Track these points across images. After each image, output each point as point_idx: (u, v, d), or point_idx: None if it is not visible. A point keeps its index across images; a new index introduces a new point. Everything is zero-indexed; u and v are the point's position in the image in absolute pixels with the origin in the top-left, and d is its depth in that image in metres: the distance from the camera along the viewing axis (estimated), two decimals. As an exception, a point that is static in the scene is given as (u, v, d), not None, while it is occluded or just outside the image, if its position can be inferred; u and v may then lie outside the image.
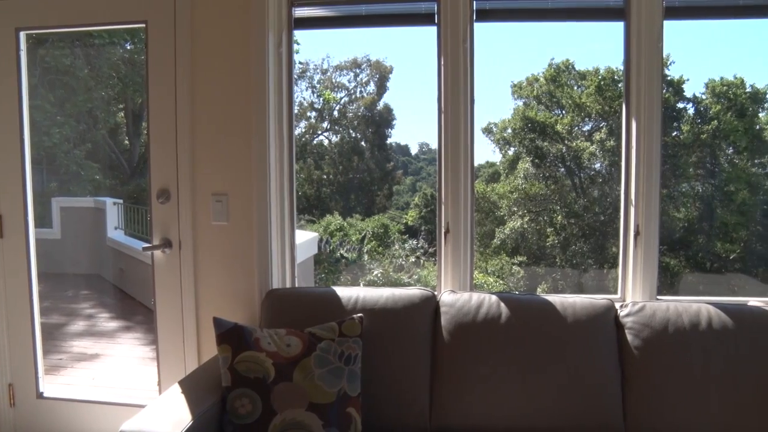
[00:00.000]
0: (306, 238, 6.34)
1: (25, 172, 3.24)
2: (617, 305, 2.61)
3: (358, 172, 14.61)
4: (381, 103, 14.58)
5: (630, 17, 2.78)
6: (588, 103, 11.14)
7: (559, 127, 11.43)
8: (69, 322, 5.33)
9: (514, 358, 2.49)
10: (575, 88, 11.57)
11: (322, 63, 14.30)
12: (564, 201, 11.29)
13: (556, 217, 11.22)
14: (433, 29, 2.91)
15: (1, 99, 3.20)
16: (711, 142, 10.49)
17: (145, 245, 3.14)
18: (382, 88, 14.52)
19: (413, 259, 11.05)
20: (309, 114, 14.31)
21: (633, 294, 2.86)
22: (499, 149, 12.29)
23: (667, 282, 9.82)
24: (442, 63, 2.89)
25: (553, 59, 11.77)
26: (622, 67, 2.91)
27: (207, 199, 3.01)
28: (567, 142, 11.34)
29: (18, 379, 3.35)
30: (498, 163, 12.45)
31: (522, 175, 11.46)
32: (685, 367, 2.40)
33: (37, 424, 3.34)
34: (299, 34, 3.22)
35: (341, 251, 11.57)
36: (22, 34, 3.19)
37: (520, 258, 11.16)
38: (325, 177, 14.39)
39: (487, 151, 12.44)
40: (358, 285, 9.44)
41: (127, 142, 7.42)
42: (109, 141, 7.04)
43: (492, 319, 2.56)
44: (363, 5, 3.11)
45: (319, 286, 5.12)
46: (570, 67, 11.66)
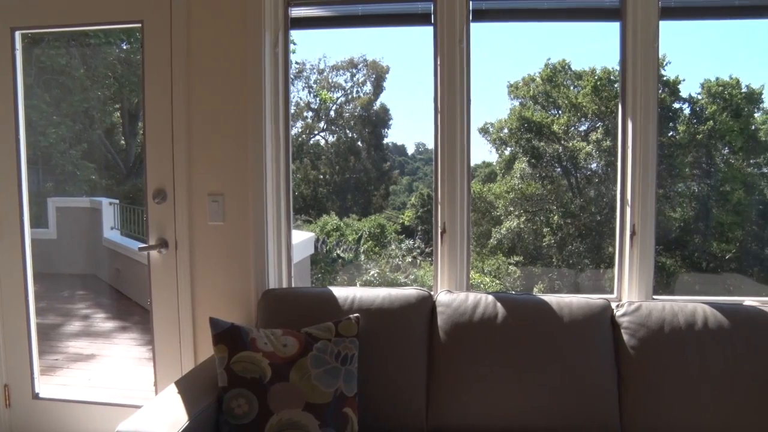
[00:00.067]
0: (302, 238, 6.32)
1: (20, 172, 3.23)
2: (613, 305, 2.62)
3: (355, 172, 14.61)
4: (377, 103, 14.59)
5: (626, 17, 2.78)
6: (584, 104, 11.15)
7: (555, 127, 11.44)
8: (65, 323, 5.32)
9: (510, 358, 2.49)
10: (571, 88, 11.58)
11: (319, 63, 14.30)
12: (560, 201, 11.30)
13: (553, 217, 11.23)
14: (430, 29, 2.91)
15: (-4, 99, 3.19)
16: (707, 142, 10.51)
17: (141, 245, 3.13)
18: (378, 88, 14.51)
19: (410, 259, 11.04)
20: (305, 114, 14.30)
21: (629, 294, 2.86)
22: (496, 149, 12.30)
23: (663, 282, 9.84)
24: (439, 63, 2.89)
25: (549, 59, 11.79)
26: (618, 68, 2.92)
27: (203, 199, 3.00)
28: (563, 142, 11.35)
29: (13, 379, 3.34)
30: (494, 163, 12.46)
31: (518, 175, 11.47)
32: (681, 366, 2.41)
33: (32, 424, 3.33)
34: (295, 34, 3.22)
35: (338, 251, 11.56)
36: (17, 34, 3.18)
37: (517, 258, 11.16)
38: (321, 177, 14.38)
39: (483, 151, 12.46)
40: (355, 285, 9.42)
41: (123, 142, 7.41)
42: (105, 141, 7.03)
43: (488, 319, 2.56)
44: (359, 5, 3.11)
45: (315, 286, 5.12)
46: (566, 67, 11.67)
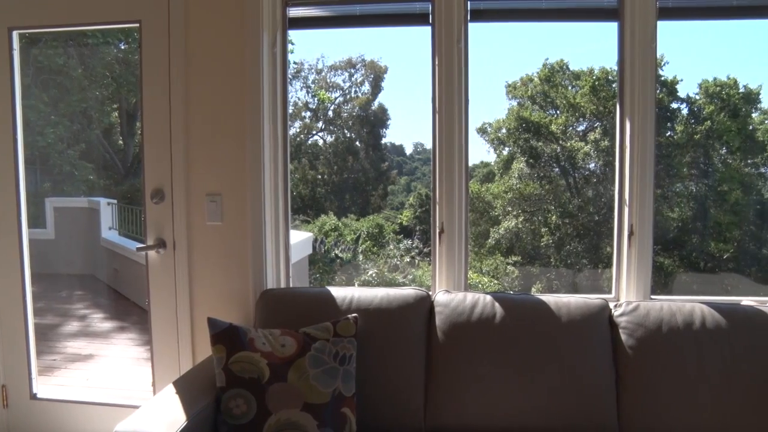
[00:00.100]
0: (300, 238, 6.33)
1: (18, 172, 3.23)
2: (611, 305, 2.62)
3: (353, 172, 14.60)
4: (376, 103, 14.58)
5: (624, 18, 2.79)
6: (582, 104, 11.16)
7: (553, 127, 11.45)
8: (63, 323, 5.31)
9: (508, 358, 2.50)
10: (569, 88, 11.59)
11: (317, 63, 14.29)
12: (558, 201, 11.31)
13: (551, 217, 11.24)
14: (428, 29, 2.91)
15: (-6, 99, 3.19)
16: (704, 143, 10.53)
17: (139, 245, 3.13)
18: (376, 88, 14.51)
19: (408, 259, 11.05)
20: (304, 114, 14.29)
21: (627, 293, 2.87)
22: (494, 149, 12.31)
23: (661, 281, 9.85)
24: (437, 63, 2.89)
25: (547, 59, 11.80)
26: (616, 68, 2.92)
27: (201, 199, 3.00)
28: (561, 142, 11.35)
29: (11, 380, 3.34)
30: (492, 163, 12.47)
31: (516, 175, 11.47)
32: (679, 366, 2.41)
33: (30, 425, 3.33)
34: (294, 34, 3.22)
35: (336, 251, 11.55)
36: (15, 34, 3.18)
37: (515, 258, 11.17)
38: (319, 177, 14.38)
39: (481, 151, 12.46)
40: (353, 285, 9.42)
41: (121, 142, 7.39)
42: (103, 141, 7.01)
43: (486, 319, 2.56)
44: (357, 5, 3.11)
45: (313, 286, 5.11)
46: (564, 67, 11.67)
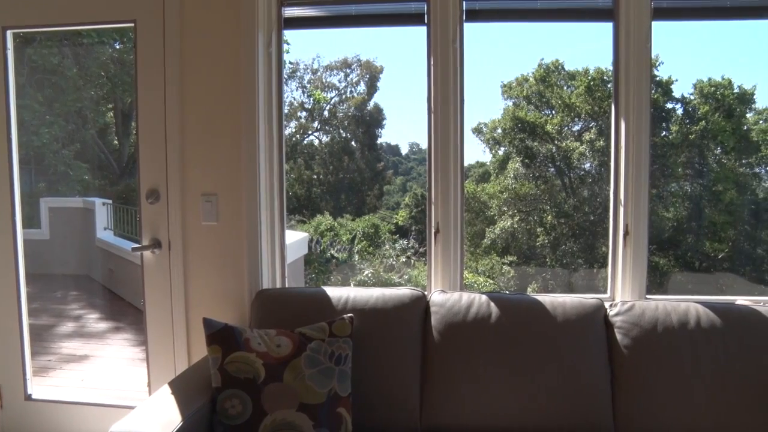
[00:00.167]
0: (296, 238, 6.33)
1: (12, 172, 3.22)
2: (607, 304, 2.62)
3: (349, 172, 14.62)
4: (371, 103, 14.62)
5: (619, 18, 2.79)
6: (578, 104, 11.19)
7: (548, 128, 11.47)
8: (58, 323, 5.29)
9: (504, 358, 2.50)
10: (565, 88, 11.62)
11: (313, 63, 14.32)
12: (554, 201, 11.33)
13: (546, 216, 11.26)
14: (423, 29, 2.91)
15: (-13, 98, 3.18)
16: (699, 143, 10.57)
17: (135, 246, 3.12)
18: (372, 88, 14.54)
19: (404, 259, 11.06)
20: (299, 114, 14.31)
21: (622, 293, 2.87)
22: (489, 149, 12.35)
23: (657, 281, 9.88)
24: (432, 63, 2.89)
25: (542, 59, 11.83)
26: (611, 68, 2.92)
27: (196, 199, 3.00)
28: (557, 142, 11.38)
29: (6, 380, 3.32)
30: (488, 163, 12.50)
31: (512, 175, 11.50)
32: (674, 365, 2.42)
33: (25, 426, 3.32)
34: (289, 34, 3.22)
35: (332, 251, 11.56)
36: (9, 33, 3.17)
37: (511, 258, 11.19)
38: (315, 177, 14.39)
39: (477, 151, 12.49)
40: (349, 285, 9.42)
41: (116, 142, 7.37)
42: (98, 141, 6.99)
43: (482, 319, 2.56)
44: (353, 5, 3.11)
45: (309, 287, 5.11)
46: (560, 67, 11.70)
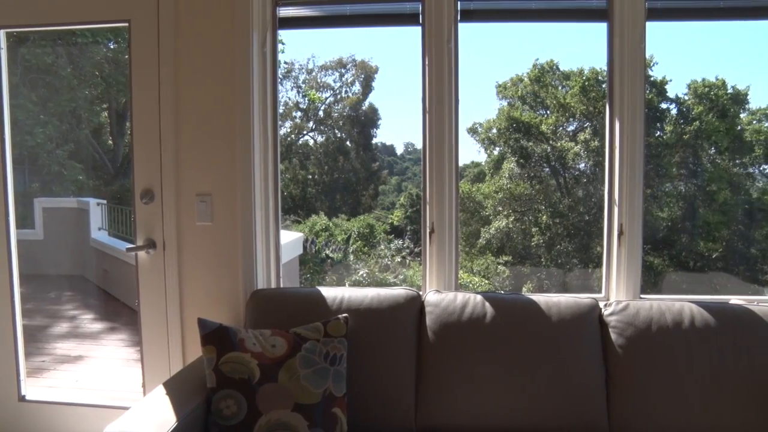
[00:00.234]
0: (291, 238, 6.33)
1: (6, 172, 3.20)
2: (601, 304, 2.62)
3: (344, 172, 14.62)
4: (366, 103, 14.62)
5: (613, 18, 2.80)
6: (572, 104, 11.22)
7: (543, 128, 11.50)
8: (52, 324, 5.28)
9: (499, 358, 2.50)
10: (560, 88, 11.65)
11: (308, 63, 14.32)
12: (549, 201, 11.36)
13: (541, 216, 11.29)
14: (418, 29, 2.91)
15: (-19, 98, 3.16)
16: (693, 143, 10.61)
17: (129, 246, 3.11)
18: (367, 88, 14.54)
19: (399, 259, 11.06)
20: (294, 114, 14.30)
21: (617, 293, 2.88)
22: (484, 149, 12.37)
23: (651, 281, 9.91)
24: (427, 63, 2.89)
25: (537, 60, 11.87)
26: (605, 68, 2.93)
27: (191, 199, 2.99)
28: (552, 143, 11.40)
29: (-1, 381, 3.31)
30: (483, 163, 12.52)
31: (507, 175, 11.52)
32: (668, 365, 2.42)
33: (19, 427, 3.30)
34: (284, 34, 3.21)
35: (327, 251, 11.55)
36: (2, 32, 3.15)
37: (506, 257, 11.22)
38: (310, 177, 14.38)
39: (472, 151, 12.52)
40: (344, 285, 9.42)
41: (110, 142, 7.36)
42: (93, 141, 6.98)
43: (477, 319, 2.56)
44: (347, 5, 3.10)
45: (304, 287, 5.10)
46: (554, 67, 11.73)
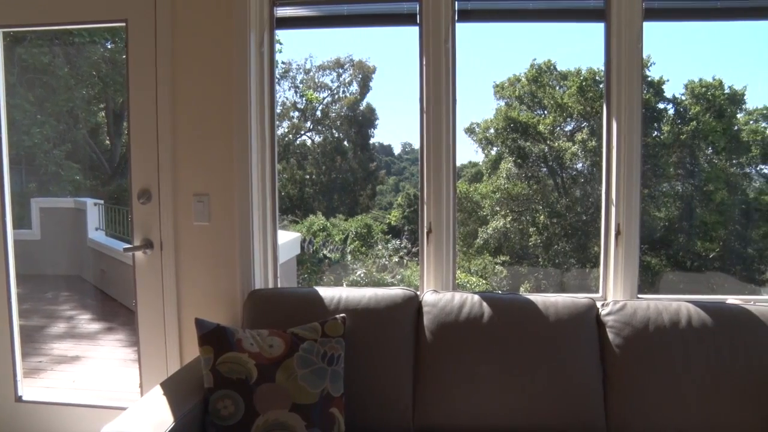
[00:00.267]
0: (289, 238, 6.33)
1: (3, 172, 3.19)
2: (599, 304, 2.62)
3: (341, 172, 14.62)
4: (364, 103, 14.62)
5: (610, 18, 2.80)
6: (570, 104, 11.23)
7: (541, 128, 11.51)
8: (49, 324, 5.27)
9: (496, 358, 2.50)
10: (557, 88, 11.66)
11: (305, 63, 14.31)
12: (546, 201, 11.37)
13: (539, 216, 11.29)
14: (416, 29, 2.91)
15: (-23, 98, 3.16)
16: (690, 143, 10.63)
17: (126, 246, 3.10)
18: (365, 88, 14.54)
19: (396, 259, 11.06)
20: (292, 114, 14.29)
21: (614, 293, 2.88)
22: (482, 149, 12.38)
23: (648, 281, 9.93)
24: (424, 63, 2.89)
25: (535, 60, 11.88)
26: (603, 68, 2.93)
27: (188, 199, 2.98)
28: (549, 143, 11.41)
29: (-4, 382, 3.30)
30: (480, 163, 12.53)
31: (504, 175, 11.52)
32: (666, 364, 2.42)
33: (15, 428, 3.29)
34: (282, 34, 3.21)
35: (324, 251, 11.54)
36: (-1, 32, 3.15)
37: (503, 257, 11.22)
38: (308, 177, 14.37)
39: (469, 151, 12.53)
40: (341, 285, 9.42)
41: (108, 142, 7.35)
42: (90, 141, 6.97)
43: (474, 319, 2.56)
44: (345, 5, 3.10)
45: (301, 287, 5.10)
46: (552, 67, 11.74)
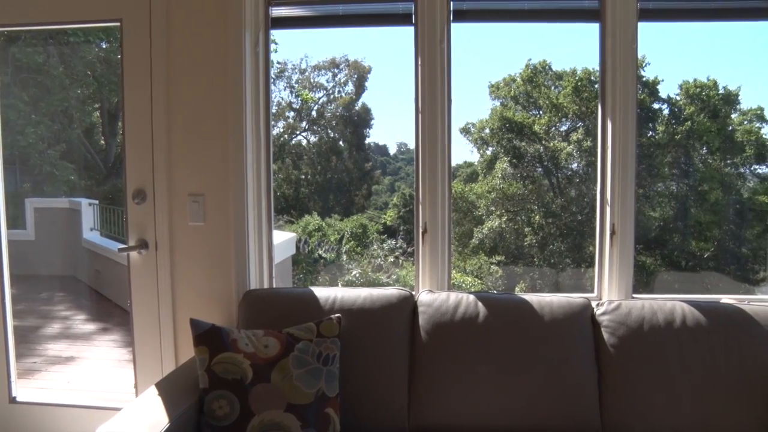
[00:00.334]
0: (284, 238, 6.31)
1: (-3, 173, 3.19)
2: (594, 304, 2.63)
3: (337, 172, 14.60)
4: (359, 103, 14.59)
5: (605, 19, 2.81)
6: (565, 104, 11.23)
7: (536, 128, 11.51)
8: (43, 325, 5.26)
9: (491, 358, 2.50)
10: (552, 88, 11.66)
11: (301, 63, 14.27)
12: (542, 201, 11.37)
13: (534, 216, 11.30)
14: (411, 29, 2.91)
15: (-28, 98, 3.15)
16: (685, 143, 10.65)
17: (121, 246, 3.10)
18: (360, 88, 14.51)
19: (392, 259, 11.04)
20: (287, 114, 14.26)
21: (609, 292, 2.88)
22: (477, 149, 12.37)
23: (643, 280, 9.94)
24: (420, 63, 2.89)
25: (530, 60, 11.87)
26: (598, 68, 2.94)
27: (183, 199, 2.98)
28: (544, 143, 11.42)
29: (-10, 383, 3.29)
30: (476, 163, 12.52)
31: (500, 175, 11.52)
32: (661, 364, 2.43)
33: (9, 429, 3.28)
34: (277, 34, 3.21)
35: (320, 251, 11.52)
36: (-6, 32, 3.14)
37: (499, 257, 11.22)
38: (303, 177, 14.35)
39: (465, 151, 12.53)
40: (337, 285, 9.41)
41: (102, 142, 7.33)
42: (85, 141, 6.95)
43: (470, 319, 2.56)
44: (340, 5, 3.10)
45: (297, 287, 5.10)
46: (547, 67, 11.75)
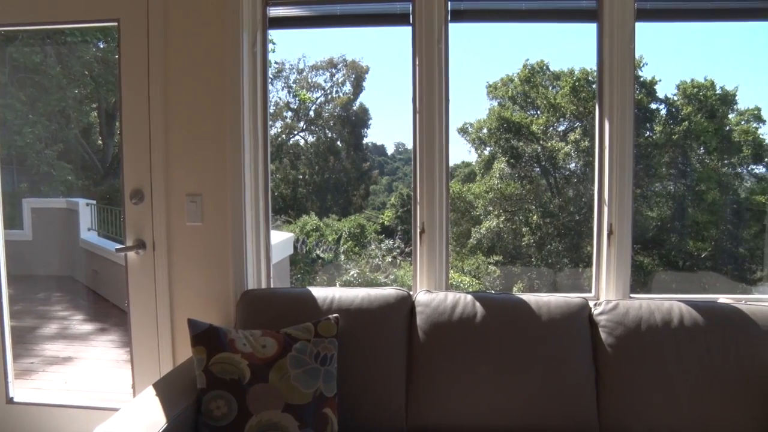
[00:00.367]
0: (282, 238, 6.31)
1: (-7, 173, 3.19)
2: (591, 303, 2.63)
3: (335, 172, 14.61)
4: (357, 103, 14.62)
5: (602, 19, 2.81)
6: (563, 104, 11.25)
7: (534, 128, 11.53)
8: (41, 325, 5.25)
9: (489, 357, 2.50)
10: (550, 88, 11.68)
11: (298, 63, 14.30)
12: (539, 201, 11.39)
13: (532, 216, 11.31)
14: (408, 29, 2.91)
15: (-32, 98, 3.14)
16: (682, 143, 10.67)
17: (119, 246, 3.09)
18: (358, 88, 14.54)
19: (390, 259, 11.05)
20: (285, 114, 14.27)
21: (607, 292, 2.89)
22: (475, 149, 12.39)
23: (641, 280, 9.96)
24: (417, 63, 2.89)
25: (527, 60, 11.90)
26: (595, 69, 2.94)
27: (181, 199, 2.97)
28: (542, 143, 11.44)
29: (-13, 383, 3.29)
30: (474, 163, 12.54)
31: (497, 175, 11.54)
32: (658, 363, 2.43)
33: (7, 429, 3.28)
34: (275, 34, 3.21)
35: (317, 251, 11.53)
36: (-10, 32, 3.13)
37: (496, 257, 11.24)
38: (301, 177, 14.36)
39: (462, 151, 12.54)
40: (335, 285, 9.41)
41: (100, 142, 7.33)
42: (82, 141, 6.95)
43: (467, 319, 2.56)
44: (338, 5, 3.09)
45: (294, 287, 5.09)
46: (545, 67, 11.77)
